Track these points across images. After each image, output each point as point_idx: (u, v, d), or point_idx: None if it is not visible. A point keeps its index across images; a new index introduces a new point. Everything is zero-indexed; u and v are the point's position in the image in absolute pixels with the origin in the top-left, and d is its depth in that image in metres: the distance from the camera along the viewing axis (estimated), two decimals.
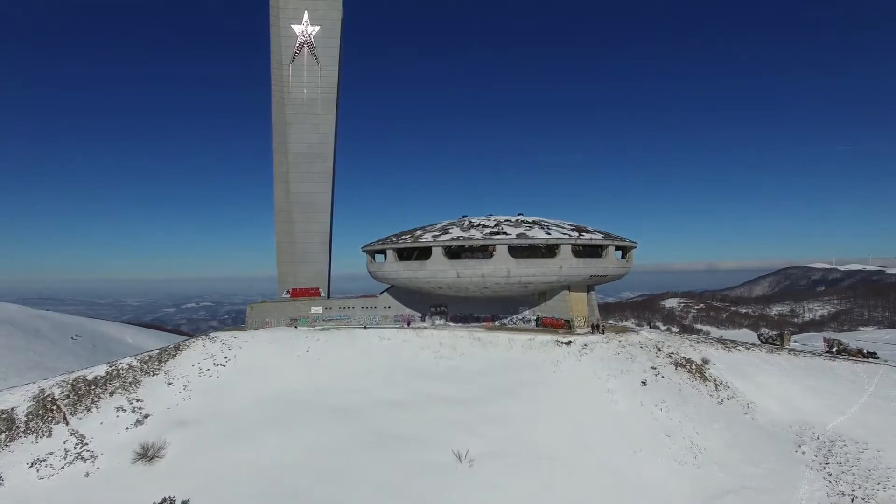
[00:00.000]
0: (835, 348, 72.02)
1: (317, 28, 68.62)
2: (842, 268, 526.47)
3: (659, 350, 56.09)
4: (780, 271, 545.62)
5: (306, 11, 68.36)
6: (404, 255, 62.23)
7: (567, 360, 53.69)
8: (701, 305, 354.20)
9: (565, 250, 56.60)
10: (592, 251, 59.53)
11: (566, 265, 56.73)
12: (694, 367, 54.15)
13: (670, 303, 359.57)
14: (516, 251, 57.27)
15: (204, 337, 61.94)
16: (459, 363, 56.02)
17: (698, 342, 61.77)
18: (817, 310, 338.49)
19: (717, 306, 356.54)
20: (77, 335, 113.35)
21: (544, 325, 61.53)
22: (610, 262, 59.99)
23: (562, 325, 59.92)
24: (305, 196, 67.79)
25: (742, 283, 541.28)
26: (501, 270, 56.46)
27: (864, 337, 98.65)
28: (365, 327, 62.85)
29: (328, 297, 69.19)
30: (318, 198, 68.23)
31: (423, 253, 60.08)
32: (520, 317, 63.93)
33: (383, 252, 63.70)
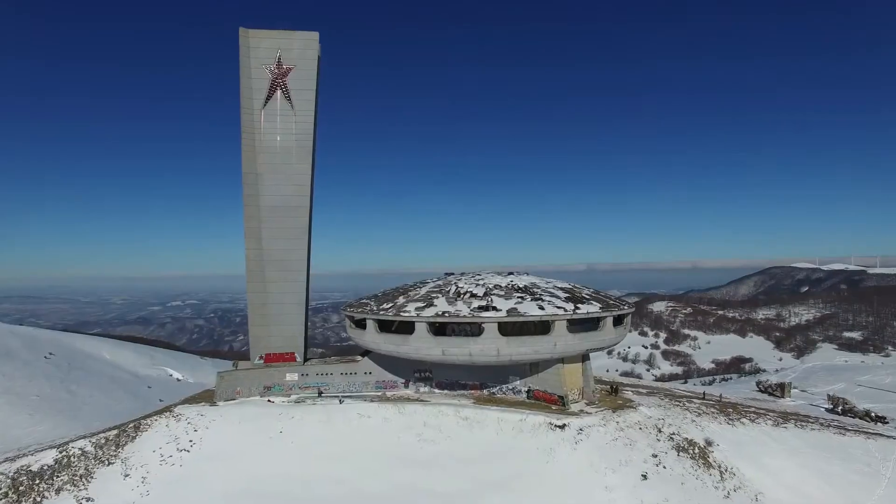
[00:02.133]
0: (839, 407, 69.41)
1: (291, 69, 63.05)
2: (825, 267, 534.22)
3: (660, 431, 52.63)
4: (765, 271, 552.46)
5: (279, 51, 62.73)
6: (385, 325, 57.56)
7: (562, 448, 49.88)
8: (689, 310, 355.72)
9: (560, 326, 52.28)
10: (589, 324, 55.30)
11: (561, 342, 52.51)
12: (697, 450, 50.95)
13: (658, 307, 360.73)
14: (507, 325, 52.95)
15: (168, 415, 56.80)
16: (445, 447, 52.06)
17: (699, 415, 58.28)
18: (803, 314, 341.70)
19: (704, 310, 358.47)
20: (51, 353, 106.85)
21: (536, 397, 57.50)
22: (607, 333, 55.86)
23: (555, 401, 55.85)
24: (279, 254, 62.26)
25: (727, 283, 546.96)
26: (491, 349, 52.15)
27: (865, 379, 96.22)
28: (341, 401, 58.14)
29: (304, 360, 64.23)
30: (294, 255, 62.82)
31: (406, 325, 55.49)
32: (510, 387, 59.69)
33: (363, 321, 58.86)
